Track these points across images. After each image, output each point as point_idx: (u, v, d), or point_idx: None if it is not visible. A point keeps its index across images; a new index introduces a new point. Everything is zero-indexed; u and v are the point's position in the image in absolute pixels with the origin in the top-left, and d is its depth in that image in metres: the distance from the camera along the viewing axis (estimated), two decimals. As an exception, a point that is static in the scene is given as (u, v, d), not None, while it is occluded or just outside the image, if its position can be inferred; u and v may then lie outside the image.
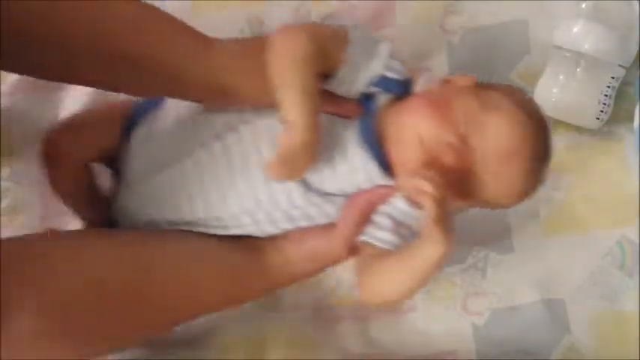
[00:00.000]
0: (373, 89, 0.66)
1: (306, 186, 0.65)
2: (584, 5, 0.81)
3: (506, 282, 0.71)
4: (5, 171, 0.83)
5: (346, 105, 0.66)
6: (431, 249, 0.58)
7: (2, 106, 0.83)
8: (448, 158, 0.61)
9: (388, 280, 0.62)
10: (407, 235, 0.64)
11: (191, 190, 0.66)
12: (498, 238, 0.74)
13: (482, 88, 0.66)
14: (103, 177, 0.74)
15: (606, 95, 0.80)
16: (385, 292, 0.63)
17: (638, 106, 0.76)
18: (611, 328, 0.66)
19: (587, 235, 0.72)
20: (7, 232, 0.81)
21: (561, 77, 0.82)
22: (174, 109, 0.70)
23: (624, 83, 0.81)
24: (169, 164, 0.67)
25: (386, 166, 0.65)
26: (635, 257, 0.68)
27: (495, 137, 0.61)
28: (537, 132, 0.64)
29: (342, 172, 0.65)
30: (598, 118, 0.81)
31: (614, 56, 0.81)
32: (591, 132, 0.81)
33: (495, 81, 0.85)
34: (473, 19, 0.86)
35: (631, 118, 0.76)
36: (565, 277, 0.70)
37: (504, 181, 0.63)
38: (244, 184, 0.65)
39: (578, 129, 0.80)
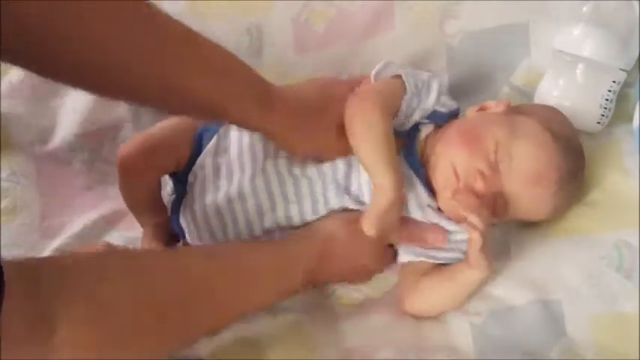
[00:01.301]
0: (422, 121, 0.73)
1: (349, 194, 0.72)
2: (584, 9, 0.81)
3: (505, 283, 0.71)
4: (5, 171, 0.85)
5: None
6: (475, 274, 0.68)
7: (2, 107, 0.84)
8: (479, 185, 0.67)
9: (435, 298, 0.71)
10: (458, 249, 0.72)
11: (261, 201, 0.72)
12: (497, 238, 0.74)
13: (515, 112, 0.72)
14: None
15: (607, 99, 0.80)
16: (431, 308, 0.72)
17: (637, 107, 0.75)
18: (609, 328, 0.65)
19: (585, 237, 0.71)
20: (7, 232, 0.82)
21: (562, 81, 0.81)
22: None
23: (624, 85, 0.80)
24: (240, 177, 0.72)
25: (430, 188, 0.71)
26: (635, 260, 0.68)
27: (523, 163, 0.67)
28: (566, 155, 0.69)
29: None
30: (599, 122, 0.80)
31: (615, 60, 0.80)
32: (590, 134, 0.80)
33: (495, 86, 0.87)
34: (472, 22, 0.85)
35: (630, 120, 0.76)
36: (563, 279, 0.69)
37: (533, 201, 0.69)
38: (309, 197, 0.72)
39: (577, 131, 0.79)
